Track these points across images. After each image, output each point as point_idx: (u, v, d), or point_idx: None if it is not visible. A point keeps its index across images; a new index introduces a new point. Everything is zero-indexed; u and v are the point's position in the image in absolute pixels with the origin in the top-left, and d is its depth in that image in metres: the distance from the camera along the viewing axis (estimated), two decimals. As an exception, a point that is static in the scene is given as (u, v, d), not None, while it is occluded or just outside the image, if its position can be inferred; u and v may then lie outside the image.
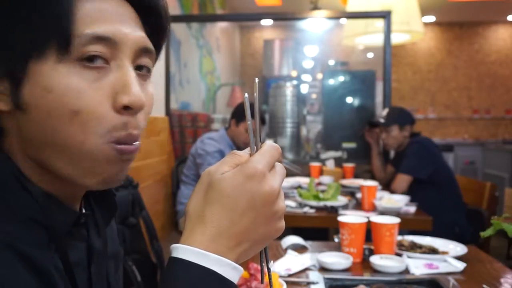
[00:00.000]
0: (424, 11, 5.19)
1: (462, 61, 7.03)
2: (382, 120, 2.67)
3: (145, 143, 2.41)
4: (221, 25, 5.45)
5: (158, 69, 2.87)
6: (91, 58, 0.48)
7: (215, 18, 4.78)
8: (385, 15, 3.09)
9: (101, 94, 0.48)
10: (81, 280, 0.53)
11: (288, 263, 1.26)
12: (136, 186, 1.73)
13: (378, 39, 3.79)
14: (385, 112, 2.74)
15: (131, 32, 0.50)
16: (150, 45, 0.53)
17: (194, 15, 4.01)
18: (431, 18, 6.69)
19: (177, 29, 3.45)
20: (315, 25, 5.13)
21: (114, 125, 0.48)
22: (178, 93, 3.52)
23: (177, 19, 3.32)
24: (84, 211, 0.59)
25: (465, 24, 6.97)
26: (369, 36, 4.05)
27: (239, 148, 2.73)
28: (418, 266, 1.22)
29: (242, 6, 5.82)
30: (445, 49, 7.06)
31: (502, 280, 1.16)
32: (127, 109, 0.48)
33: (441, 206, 2.38)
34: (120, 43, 0.49)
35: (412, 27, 3.84)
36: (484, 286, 0.98)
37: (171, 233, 2.70)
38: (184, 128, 3.12)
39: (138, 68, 0.52)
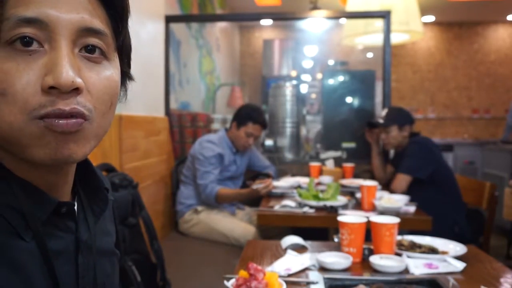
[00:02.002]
0: (423, 11, 5.19)
1: (461, 61, 7.03)
2: (381, 121, 2.67)
3: (145, 143, 2.41)
4: (221, 25, 5.45)
5: (158, 69, 2.87)
6: (26, 41, 0.48)
7: (215, 18, 4.78)
8: (385, 15, 3.08)
9: (30, 76, 0.48)
10: (64, 269, 0.54)
11: (288, 263, 1.26)
12: (136, 186, 1.73)
13: (377, 39, 3.79)
14: (384, 112, 2.73)
15: (66, 12, 0.49)
16: (94, 25, 0.51)
17: (193, 15, 4.01)
18: (431, 18, 6.69)
19: (177, 29, 3.45)
20: (314, 25, 5.13)
21: (40, 103, 0.48)
22: (177, 93, 3.52)
23: (177, 19, 3.32)
24: (76, 203, 0.60)
25: (465, 24, 6.97)
26: (369, 36, 4.05)
27: (238, 150, 2.73)
28: (418, 266, 1.22)
29: (241, 6, 5.81)
30: (445, 49, 7.07)
31: (502, 280, 1.16)
32: (54, 89, 0.48)
33: (441, 206, 2.37)
34: (53, 25, 0.48)
35: (412, 27, 3.85)
36: (482, 287, 0.98)
37: (171, 233, 2.70)
38: (183, 128, 3.12)
39: (89, 50, 0.52)
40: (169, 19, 3.01)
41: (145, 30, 2.58)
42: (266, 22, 6.66)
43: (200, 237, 2.56)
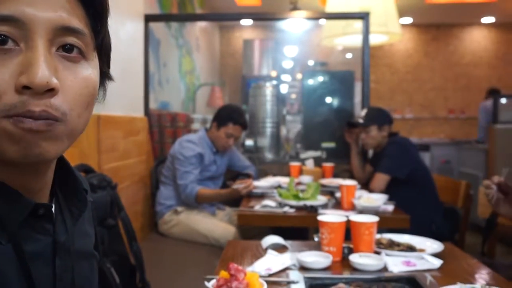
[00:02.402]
0: (401, 13, 5.27)
1: (438, 62, 7.18)
2: (361, 121, 2.69)
3: (124, 143, 2.38)
4: (201, 24, 5.42)
5: (137, 68, 2.83)
6: (1, 40, 0.47)
7: (195, 17, 4.75)
8: (364, 16, 3.12)
9: (4, 74, 0.47)
10: (41, 272, 0.53)
11: (268, 263, 1.26)
12: (115, 187, 1.71)
13: (356, 40, 3.83)
14: (363, 112, 2.76)
15: (43, 11, 0.48)
16: (72, 23, 0.51)
17: (173, 15, 3.98)
18: (409, 20, 6.80)
19: (156, 29, 3.42)
20: (294, 25, 5.16)
21: (12, 103, 0.47)
22: (157, 93, 3.49)
23: (156, 18, 3.29)
24: (54, 205, 0.59)
25: (441, 26, 7.12)
26: (348, 37, 4.09)
27: (218, 150, 2.72)
28: (396, 264, 1.24)
29: (221, 5, 5.80)
30: (422, 50, 7.20)
31: (477, 276, 1.19)
32: (28, 89, 0.47)
33: (419, 204, 2.41)
34: (29, 23, 0.48)
35: (390, 28, 3.90)
36: (459, 283, 1.00)
37: (150, 234, 2.67)
38: (163, 128, 3.10)
39: (67, 49, 0.51)
40: (149, 18, 2.98)
41: (124, 29, 2.55)
42: (246, 22, 6.66)
43: (180, 238, 2.54)
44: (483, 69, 7.15)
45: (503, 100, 4.52)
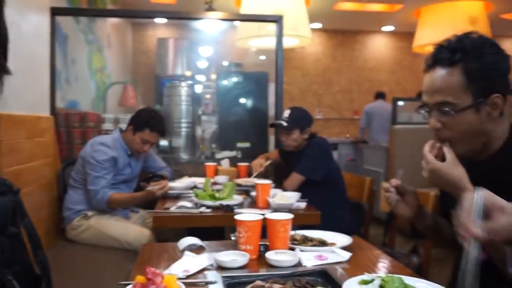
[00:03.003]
0: (311, 18, 5.52)
1: (344, 66, 7.63)
2: (284, 123, 2.67)
3: (27, 144, 2.21)
4: (112, 20, 5.20)
5: (42, 64, 2.65)
6: None
7: (106, 13, 4.54)
8: (277, 20, 3.21)
9: None
10: None
11: (186, 264, 1.26)
12: (17, 192, 1.58)
13: (270, 42, 3.94)
14: (286, 113, 2.73)
15: None
16: None
17: (82, 9, 3.77)
18: (318, 25, 7.14)
19: (64, 23, 3.22)
20: (209, 25, 5.16)
21: None
22: (64, 91, 3.28)
23: (64, 12, 3.10)
24: None
25: (347, 32, 7.57)
26: (262, 39, 4.20)
27: (133, 154, 2.62)
28: (310, 259, 1.30)
29: (134, 2, 5.62)
30: (331, 54, 7.60)
31: (380, 265, 1.30)
32: None
33: (330, 204, 2.50)
34: None
35: (301, 32, 4.07)
36: (365, 273, 1.08)
37: (57, 241, 2.51)
38: (71, 128, 2.92)
39: None
40: (55, 12, 2.80)
41: (27, 22, 2.36)
42: (160, 20, 6.52)
43: (90, 244, 2.42)
44: (384, 74, 7.73)
45: (401, 103, 4.94)
